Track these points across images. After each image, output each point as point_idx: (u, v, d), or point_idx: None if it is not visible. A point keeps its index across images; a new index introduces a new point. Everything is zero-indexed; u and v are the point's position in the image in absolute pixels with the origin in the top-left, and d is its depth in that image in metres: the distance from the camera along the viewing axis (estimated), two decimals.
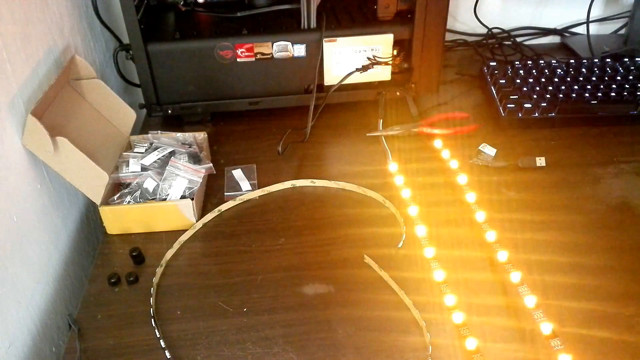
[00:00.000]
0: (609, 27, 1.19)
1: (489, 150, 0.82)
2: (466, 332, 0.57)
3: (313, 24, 0.86)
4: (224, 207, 0.75)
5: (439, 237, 0.69)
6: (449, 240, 0.69)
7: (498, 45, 1.14)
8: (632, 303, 0.60)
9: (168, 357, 0.56)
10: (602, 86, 0.91)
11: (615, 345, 0.55)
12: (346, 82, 0.88)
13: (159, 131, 0.81)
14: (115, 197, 0.72)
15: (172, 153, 0.76)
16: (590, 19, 1.08)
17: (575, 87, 0.91)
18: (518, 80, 0.93)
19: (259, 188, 0.78)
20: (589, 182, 0.77)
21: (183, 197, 0.71)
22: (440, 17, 0.86)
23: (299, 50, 0.86)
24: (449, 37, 1.13)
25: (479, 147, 0.82)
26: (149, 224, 0.71)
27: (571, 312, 0.59)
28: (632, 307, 0.59)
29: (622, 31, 1.17)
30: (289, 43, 0.86)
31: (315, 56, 0.87)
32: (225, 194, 0.77)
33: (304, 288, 0.63)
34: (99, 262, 0.68)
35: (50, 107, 0.69)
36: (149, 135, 0.81)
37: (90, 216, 0.81)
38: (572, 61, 0.97)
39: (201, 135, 0.82)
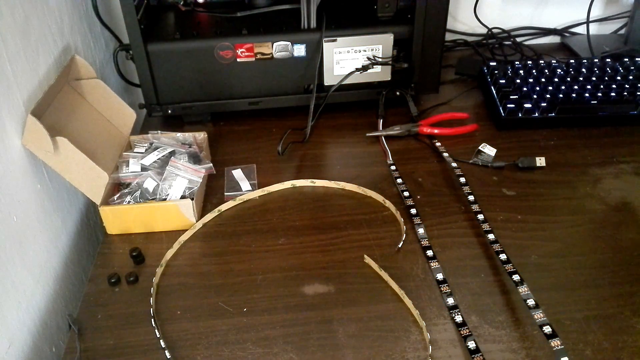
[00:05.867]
0: (609, 27, 1.19)
1: (489, 150, 0.82)
2: (466, 331, 0.57)
3: (313, 24, 0.86)
4: (224, 207, 0.75)
5: (439, 237, 0.69)
6: (449, 240, 0.69)
7: (498, 45, 1.14)
8: (631, 303, 0.60)
9: (168, 357, 0.56)
10: (602, 86, 0.91)
11: (615, 345, 0.55)
12: (346, 82, 0.88)
13: (159, 131, 0.81)
14: (115, 197, 0.72)
15: (172, 153, 0.76)
16: (590, 19, 1.08)
17: (575, 87, 0.91)
18: (518, 80, 0.93)
19: (259, 188, 0.78)
20: (589, 182, 0.77)
21: (183, 197, 0.71)
22: (440, 17, 0.86)
23: (299, 50, 0.86)
24: (449, 37, 1.13)
25: (479, 147, 0.82)
26: (149, 224, 0.71)
27: (571, 312, 0.59)
28: (631, 307, 0.59)
29: (622, 31, 1.17)
30: (289, 43, 0.86)
31: (315, 56, 0.87)
32: (225, 194, 0.77)
33: (304, 288, 0.63)
34: (99, 262, 0.68)
35: (50, 107, 0.69)
36: (149, 135, 0.81)
37: (90, 216, 0.81)
38: (572, 61, 0.97)
39: (201, 135, 0.82)
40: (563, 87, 0.91)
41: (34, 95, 0.67)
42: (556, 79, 0.93)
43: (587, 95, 0.89)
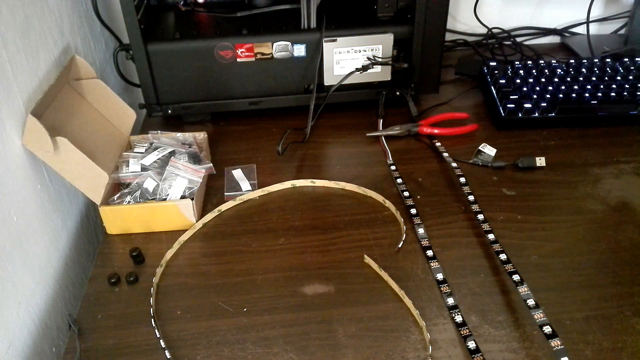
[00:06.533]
0: (609, 27, 1.19)
1: (489, 150, 0.82)
2: (466, 331, 0.57)
3: (313, 24, 0.86)
4: (224, 207, 0.75)
5: (439, 237, 0.69)
6: (449, 240, 0.69)
7: (498, 45, 1.14)
8: (631, 303, 0.60)
9: (168, 357, 0.56)
10: (602, 86, 0.91)
11: (615, 345, 0.55)
12: (346, 82, 0.88)
13: (159, 131, 0.81)
14: (115, 197, 0.72)
15: (172, 153, 0.76)
16: (590, 19, 1.08)
17: (575, 87, 0.91)
18: (518, 80, 0.93)
19: (259, 188, 0.78)
20: (589, 182, 0.77)
21: (183, 197, 0.71)
22: (440, 17, 0.86)
23: (299, 50, 0.86)
24: (449, 37, 1.13)
25: (479, 147, 0.82)
26: (149, 224, 0.71)
27: (571, 312, 0.59)
28: (631, 307, 0.59)
29: (622, 31, 1.17)
30: (289, 43, 0.86)
31: (315, 56, 0.87)
32: (225, 194, 0.77)
33: (304, 288, 0.63)
34: (99, 262, 0.68)
35: (50, 107, 0.69)
36: (149, 135, 0.81)
37: (90, 216, 0.81)
38: (572, 61, 0.97)
39: (201, 135, 0.82)
40: (563, 87, 0.91)
41: (34, 95, 0.67)
42: (556, 79, 0.93)
43: (587, 95, 0.89)
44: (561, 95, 0.90)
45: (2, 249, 0.58)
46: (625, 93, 0.89)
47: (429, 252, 0.67)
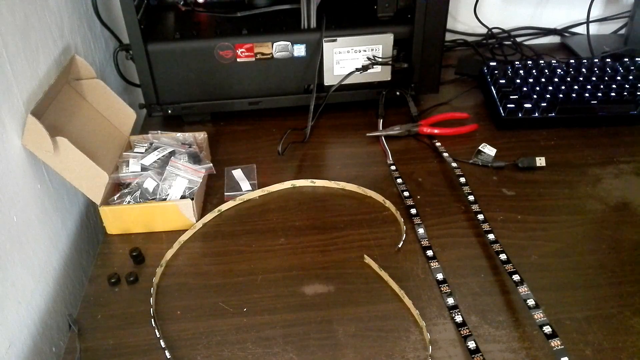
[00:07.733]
0: (609, 27, 1.19)
1: (489, 150, 0.82)
2: (466, 331, 0.57)
3: (313, 24, 0.86)
4: (224, 207, 0.75)
5: (439, 237, 0.69)
6: (449, 240, 0.69)
7: (498, 45, 1.14)
8: (631, 303, 0.60)
9: (168, 357, 0.56)
10: (602, 86, 0.91)
11: (615, 345, 0.55)
12: (346, 82, 0.88)
13: (159, 131, 0.81)
14: (115, 197, 0.72)
15: (172, 153, 0.76)
16: (590, 19, 1.08)
17: (575, 87, 0.91)
18: (518, 80, 0.93)
19: (259, 188, 0.78)
20: (589, 182, 0.77)
21: (183, 197, 0.71)
22: (440, 17, 0.86)
23: (299, 50, 0.86)
24: (449, 37, 1.13)
25: (479, 147, 0.82)
26: (149, 224, 0.71)
27: (571, 312, 0.59)
28: (631, 307, 0.59)
29: (622, 31, 1.17)
30: (289, 43, 0.86)
31: (315, 56, 0.87)
32: (225, 194, 0.77)
33: (304, 288, 0.63)
34: (99, 262, 0.68)
35: (50, 107, 0.69)
36: (149, 135, 0.81)
37: (90, 216, 0.81)
38: (572, 61, 0.97)
39: (201, 135, 0.82)
40: (563, 87, 0.91)
41: (34, 95, 0.67)
42: (556, 79, 0.93)
43: (587, 95, 0.89)
44: (561, 95, 0.90)
45: (2, 249, 0.58)
46: (625, 93, 0.89)
47: (429, 252, 0.67)
